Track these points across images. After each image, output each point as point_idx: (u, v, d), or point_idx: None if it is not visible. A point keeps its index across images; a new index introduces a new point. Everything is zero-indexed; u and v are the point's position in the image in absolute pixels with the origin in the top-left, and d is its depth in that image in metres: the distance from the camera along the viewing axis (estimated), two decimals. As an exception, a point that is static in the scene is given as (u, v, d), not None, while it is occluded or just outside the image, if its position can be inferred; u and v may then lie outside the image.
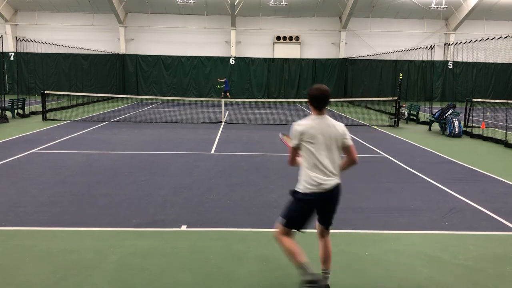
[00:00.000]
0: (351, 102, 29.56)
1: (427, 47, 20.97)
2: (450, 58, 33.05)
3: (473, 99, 16.67)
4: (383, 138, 14.63)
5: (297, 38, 33.18)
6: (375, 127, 17.46)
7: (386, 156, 11.18)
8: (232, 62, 32.86)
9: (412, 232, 5.87)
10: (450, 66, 33.54)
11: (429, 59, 21.58)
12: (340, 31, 33.17)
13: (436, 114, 16.29)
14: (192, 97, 31.58)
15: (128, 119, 18.47)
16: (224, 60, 32.94)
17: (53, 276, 4.43)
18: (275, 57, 33.18)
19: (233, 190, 7.73)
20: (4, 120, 16.49)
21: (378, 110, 24.39)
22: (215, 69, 32.75)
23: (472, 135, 15.06)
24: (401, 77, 21.12)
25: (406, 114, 19.72)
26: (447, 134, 15.25)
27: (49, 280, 4.34)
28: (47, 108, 18.07)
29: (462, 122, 15.79)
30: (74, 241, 5.34)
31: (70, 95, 24.09)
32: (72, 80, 30.22)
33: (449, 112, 15.60)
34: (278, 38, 33.08)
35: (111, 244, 5.24)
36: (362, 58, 31.36)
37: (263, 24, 32.91)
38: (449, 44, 28.30)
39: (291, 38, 33.19)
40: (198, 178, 8.48)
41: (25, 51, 25.68)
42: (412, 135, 15.29)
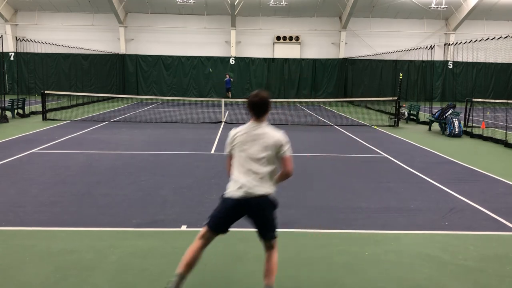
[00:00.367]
0: (351, 102, 29.57)
1: (427, 47, 20.96)
2: (450, 58, 33.04)
3: (473, 99, 16.67)
4: (383, 138, 14.63)
5: (297, 38, 33.17)
6: (375, 127, 17.46)
7: (386, 156, 11.18)
8: (232, 62, 32.85)
9: (412, 232, 5.87)
10: (450, 66, 33.53)
11: (429, 59, 21.57)
12: (340, 31, 33.17)
13: (436, 114, 16.29)
14: (192, 97, 31.54)
15: (128, 119, 18.46)
16: (224, 60, 32.93)
17: (53, 276, 4.43)
18: (275, 57, 33.17)
19: (233, 190, 7.71)
20: (4, 120, 16.48)
21: (378, 110, 24.39)
22: (215, 69, 32.75)
23: (472, 135, 15.06)
24: (401, 77, 21.13)
25: (406, 114, 19.71)
26: (447, 134, 15.25)
27: (49, 280, 4.34)
28: (47, 108, 18.05)
29: (462, 122, 15.78)
30: (74, 241, 5.33)
31: (70, 95, 24.07)
32: (72, 80, 30.17)
33: (449, 112, 15.60)
34: (278, 38, 33.07)
35: (111, 244, 5.24)
36: (362, 58, 31.34)
37: (263, 24, 32.90)
38: (449, 44, 28.28)
39: (291, 38, 33.18)
40: (198, 178, 8.47)
41: (25, 51, 25.61)
42: (412, 135, 15.28)
